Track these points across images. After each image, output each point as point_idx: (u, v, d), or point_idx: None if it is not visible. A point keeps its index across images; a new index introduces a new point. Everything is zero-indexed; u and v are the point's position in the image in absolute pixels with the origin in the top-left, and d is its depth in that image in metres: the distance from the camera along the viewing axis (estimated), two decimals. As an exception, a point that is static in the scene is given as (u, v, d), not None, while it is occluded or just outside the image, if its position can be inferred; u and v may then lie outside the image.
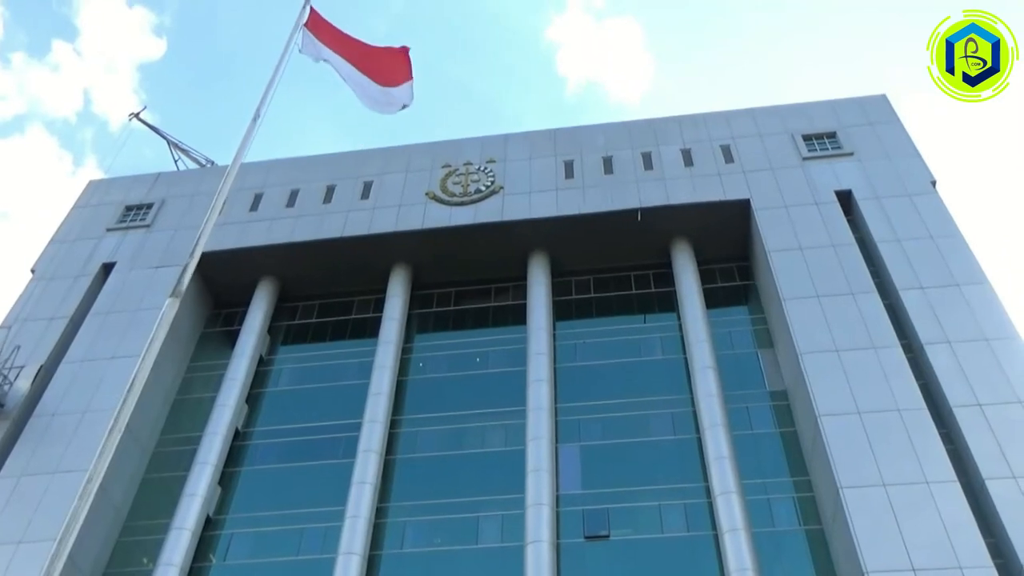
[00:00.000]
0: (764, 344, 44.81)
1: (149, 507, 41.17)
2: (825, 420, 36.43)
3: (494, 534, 38.12)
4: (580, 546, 37.40)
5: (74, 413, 41.51)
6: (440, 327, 49.49)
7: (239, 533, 40.02)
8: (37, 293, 49.37)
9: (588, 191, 49.78)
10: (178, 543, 38.37)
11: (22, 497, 37.91)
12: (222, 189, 19.17)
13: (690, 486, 38.75)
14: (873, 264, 44.25)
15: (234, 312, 50.87)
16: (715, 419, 39.98)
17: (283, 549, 38.78)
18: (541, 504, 37.82)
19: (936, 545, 31.46)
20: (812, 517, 36.82)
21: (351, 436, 42.35)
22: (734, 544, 35.20)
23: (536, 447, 40.08)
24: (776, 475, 38.77)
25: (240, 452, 43.75)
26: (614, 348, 45.74)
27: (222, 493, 41.69)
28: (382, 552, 38.27)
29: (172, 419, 45.29)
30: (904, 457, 34.50)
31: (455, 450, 41.99)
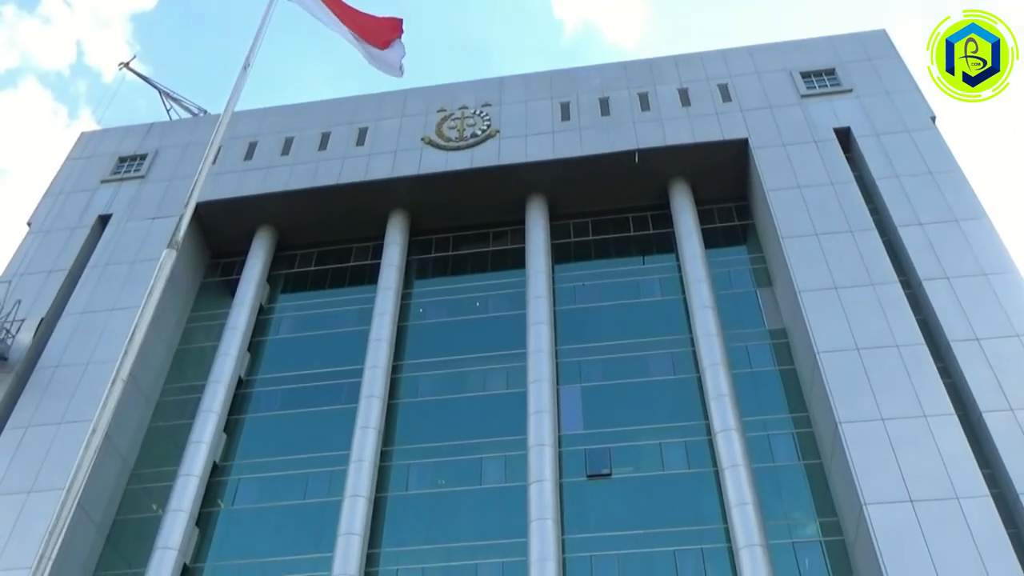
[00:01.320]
0: (763, 283, 44.92)
1: (155, 455, 41.68)
2: (824, 357, 36.68)
3: (497, 474, 38.66)
4: (582, 485, 37.94)
5: (77, 365, 41.77)
6: (439, 272, 49.54)
7: (246, 479, 40.58)
8: (34, 246, 49.32)
9: (585, 133, 49.40)
10: (186, 489, 38.92)
11: (29, 448, 38.35)
12: (215, 138, 19.06)
13: (690, 424, 39.18)
14: (872, 201, 44.14)
15: (232, 262, 50.86)
16: (714, 358, 40.25)
17: (290, 493, 39.37)
18: (543, 444, 38.28)
19: (933, 476, 31.94)
20: (811, 452, 37.30)
21: (353, 382, 42.68)
22: (734, 480, 35.72)
23: (537, 389, 40.43)
24: (775, 412, 39.19)
25: (244, 400, 44.14)
26: (613, 290, 45.85)
27: (227, 440, 42.17)
28: (387, 494, 38.85)
29: (175, 369, 45.59)
30: (902, 392, 34.83)
31: (457, 393, 42.36)
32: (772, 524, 34.99)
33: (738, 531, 34.35)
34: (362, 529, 36.73)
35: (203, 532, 38.71)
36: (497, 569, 35.53)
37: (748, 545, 33.80)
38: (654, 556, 35.08)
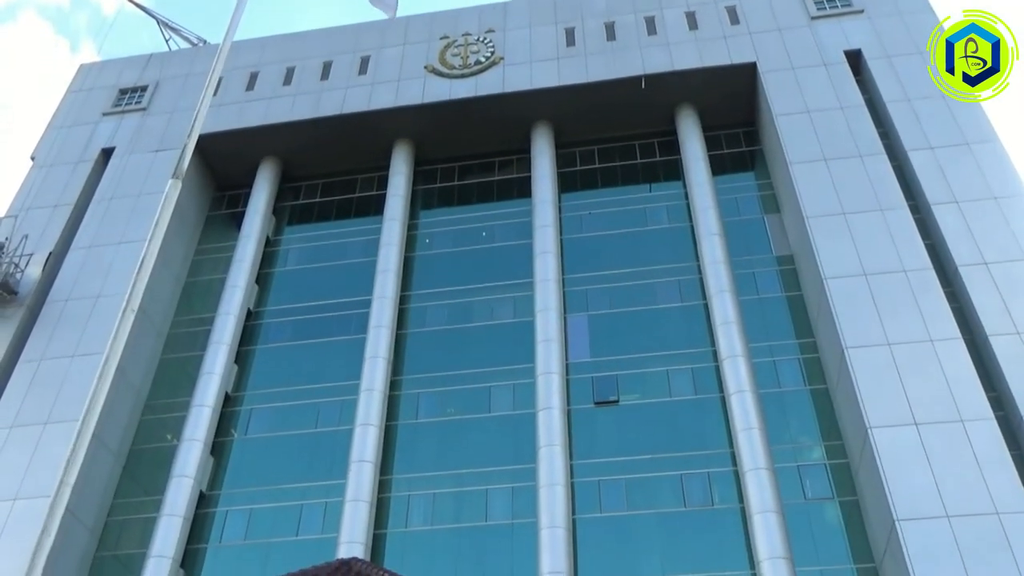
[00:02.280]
0: (770, 209, 44.67)
1: (168, 386, 42.22)
2: (831, 283, 36.68)
3: (506, 403, 39.10)
4: (590, 411, 38.39)
5: (86, 298, 42.05)
6: (444, 202, 49.33)
7: (258, 409, 41.14)
8: (39, 180, 49.18)
9: (590, 59, 48.61)
10: (199, 419, 39.52)
11: (44, 380, 38.86)
12: (216, 68, 18.82)
13: (697, 351, 39.41)
14: (882, 125, 43.58)
15: (238, 194, 50.72)
16: (721, 285, 40.28)
17: (301, 422, 39.95)
18: (551, 373, 38.61)
19: (938, 400, 32.22)
20: (817, 377, 37.58)
21: (361, 312, 42.92)
22: (741, 405, 36.09)
23: (544, 318, 40.61)
24: (782, 338, 39.36)
25: (253, 331, 44.47)
26: (620, 218, 45.66)
27: (238, 371, 42.64)
28: (397, 422, 39.40)
29: (184, 301, 45.87)
30: (909, 317, 34.91)
31: (464, 323, 42.60)
32: (778, 448, 35.45)
33: (744, 455, 34.84)
34: (374, 456, 37.36)
35: (218, 461, 39.45)
36: (507, 494, 36.20)
37: (754, 469, 34.30)
38: (661, 480, 35.66)
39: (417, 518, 36.34)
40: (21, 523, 33.40)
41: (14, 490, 35.01)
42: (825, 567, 32.44)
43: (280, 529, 36.42)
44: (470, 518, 35.76)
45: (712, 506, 34.89)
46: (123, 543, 37.20)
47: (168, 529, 36.15)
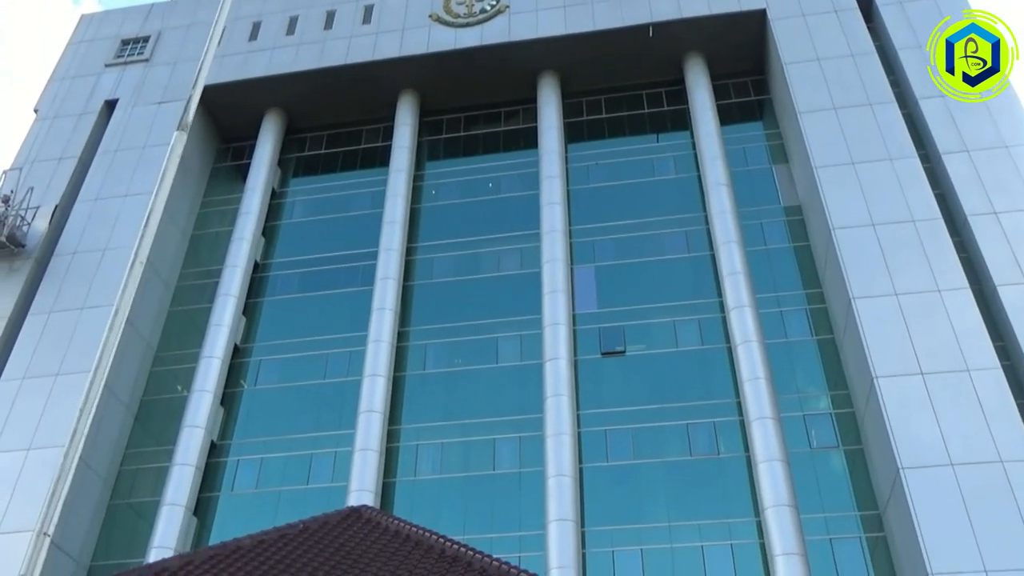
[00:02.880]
0: (779, 159, 44.33)
1: (177, 338, 42.50)
2: (839, 233, 36.54)
3: (513, 353, 39.29)
4: (597, 362, 38.57)
5: (94, 251, 42.13)
6: (451, 154, 49.05)
7: (266, 360, 41.44)
8: (43, 133, 48.99)
9: (597, 7, 47.87)
10: (209, 371, 39.85)
11: (54, 332, 39.13)
12: (219, 18, 18.61)
13: (704, 302, 39.44)
14: (893, 73, 43.03)
15: (242, 146, 50.48)
16: (729, 235, 40.15)
17: (310, 373, 40.25)
18: (558, 324, 38.72)
19: (945, 350, 32.27)
20: (824, 328, 37.63)
21: (368, 264, 42.97)
22: (747, 355, 36.20)
23: (551, 269, 40.61)
24: (789, 288, 39.35)
25: (261, 283, 44.60)
26: (627, 168, 45.37)
27: (247, 323, 42.87)
28: (405, 373, 39.67)
29: (191, 254, 45.94)
30: (917, 267, 34.81)
31: (471, 275, 42.62)
32: (784, 398, 35.65)
33: (750, 405, 35.05)
34: (382, 407, 37.70)
35: (228, 411, 39.87)
36: (514, 444, 36.55)
37: (760, 418, 34.54)
38: (667, 430, 35.95)
39: (425, 467, 36.78)
40: (36, 472, 33.89)
41: (28, 440, 35.48)
42: (829, 514, 32.80)
43: (290, 478, 36.92)
44: (478, 467, 36.17)
45: (718, 455, 35.20)
46: (136, 491, 37.78)
47: (180, 478, 36.68)
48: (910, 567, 29.41)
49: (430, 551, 17.25)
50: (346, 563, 16.79)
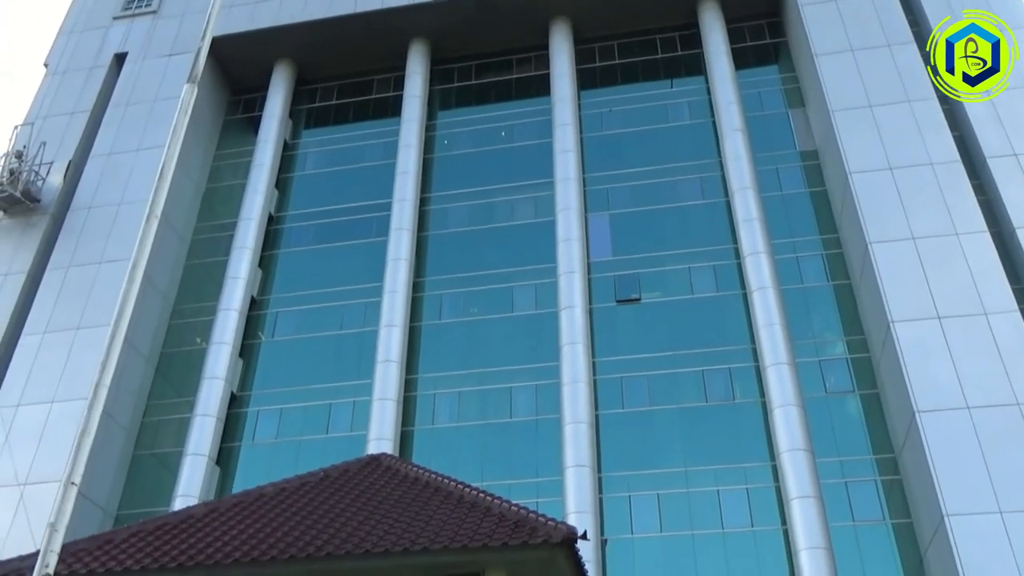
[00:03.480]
0: (795, 103, 43.74)
1: (195, 292, 42.81)
2: (856, 177, 36.20)
3: (528, 302, 39.38)
4: (612, 310, 38.63)
5: (109, 206, 42.29)
6: (462, 102, 48.63)
7: (283, 312, 41.72)
8: (54, 88, 48.86)
9: (610, -52, 46.92)
10: (227, 323, 40.21)
11: (72, 287, 39.48)
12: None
13: (719, 248, 39.30)
14: (911, 12, 42.17)
15: (253, 98, 50.22)
16: (744, 181, 39.85)
17: (327, 324, 40.53)
18: (572, 272, 38.73)
19: (962, 293, 32.13)
20: (840, 273, 37.48)
21: (382, 215, 42.97)
22: (763, 301, 36.17)
23: (566, 217, 40.49)
24: (805, 234, 39.12)
25: (275, 236, 44.71)
26: (640, 115, 44.91)
27: (263, 275, 43.10)
28: (421, 323, 39.88)
29: (205, 207, 46.04)
30: (935, 210, 34.51)
31: (485, 224, 42.55)
32: (799, 343, 35.68)
33: (765, 351, 35.11)
34: (399, 357, 37.99)
35: (247, 363, 40.29)
36: (530, 392, 36.82)
37: (775, 364, 34.62)
38: (682, 376, 36.09)
39: (443, 415, 37.16)
40: (60, 425, 34.49)
41: (51, 393, 36.04)
42: (844, 458, 33.01)
43: (310, 427, 37.41)
44: (495, 415, 36.51)
45: (733, 401, 35.36)
46: (159, 442, 38.42)
47: (202, 429, 37.25)
48: (925, 509, 29.65)
49: (449, 497, 17.49)
50: (367, 509, 17.07)
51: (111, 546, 16.51)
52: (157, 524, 17.65)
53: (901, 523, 31.32)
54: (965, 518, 27.71)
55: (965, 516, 27.73)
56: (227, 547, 15.72)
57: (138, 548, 16.23)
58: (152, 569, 15.35)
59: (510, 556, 14.93)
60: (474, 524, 15.49)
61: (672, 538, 32.33)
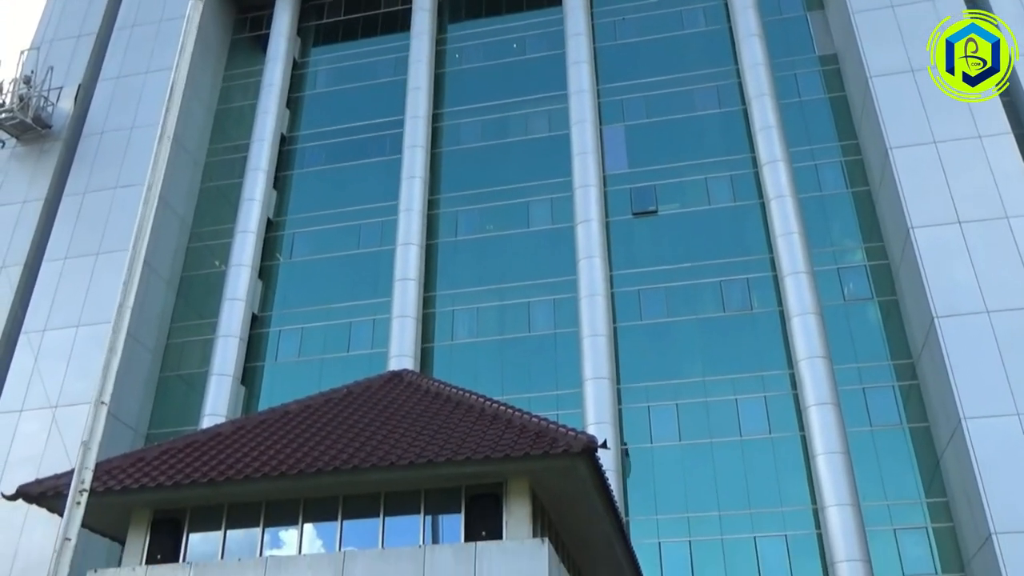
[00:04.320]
0: (813, 6, 42.51)
1: (211, 214, 42.90)
2: (877, 81, 35.41)
3: (544, 217, 39.24)
4: (629, 223, 38.45)
5: (121, 130, 42.07)
6: (473, 15, 47.51)
7: (300, 232, 41.80)
8: (58, 10, 48.09)
9: None
10: (244, 245, 40.39)
11: (90, 213, 39.62)
12: None
13: (736, 158, 38.81)
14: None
15: (260, 15, 49.28)
16: (761, 88, 39.08)
17: (343, 244, 40.62)
18: (588, 185, 38.46)
19: (984, 197, 31.72)
20: (859, 179, 37.02)
21: (395, 133, 42.59)
22: (781, 210, 35.88)
23: (580, 130, 40.00)
24: (824, 141, 38.51)
25: (289, 156, 44.49)
26: (654, 23, 43.80)
27: (278, 197, 43.06)
28: (437, 241, 39.91)
29: (217, 129, 45.72)
30: (957, 113, 33.79)
31: (499, 139, 42.08)
32: (818, 252, 35.52)
33: (783, 260, 35.00)
34: (416, 274, 38.17)
35: (266, 284, 40.63)
36: (548, 306, 36.99)
37: (793, 273, 34.55)
38: (700, 287, 36.11)
39: (462, 331, 37.48)
40: (86, 348, 35.07)
41: (76, 318, 36.55)
42: (863, 364, 33.17)
43: (332, 346, 37.87)
44: (513, 330, 36.78)
45: (751, 311, 35.42)
46: (185, 364, 39.07)
47: (225, 349, 37.82)
48: (943, 413, 29.89)
49: (471, 410, 17.80)
50: (390, 423, 17.40)
51: (143, 463, 16.98)
52: (187, 442, 18.11)
53: (918, 427, 31.64)
54: (982, 421, 27.95)
55: (982, 419, 27.96)
56: (256, 462, 16.13)
57: (170, 464, 16.69)
58: (184, 484, 15.82)
59: (532, 466, 15.26)
60: (496, 435, 15.79)
61: (691, 446, 32.86)
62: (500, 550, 14.70)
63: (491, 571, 14.46)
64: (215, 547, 16.41)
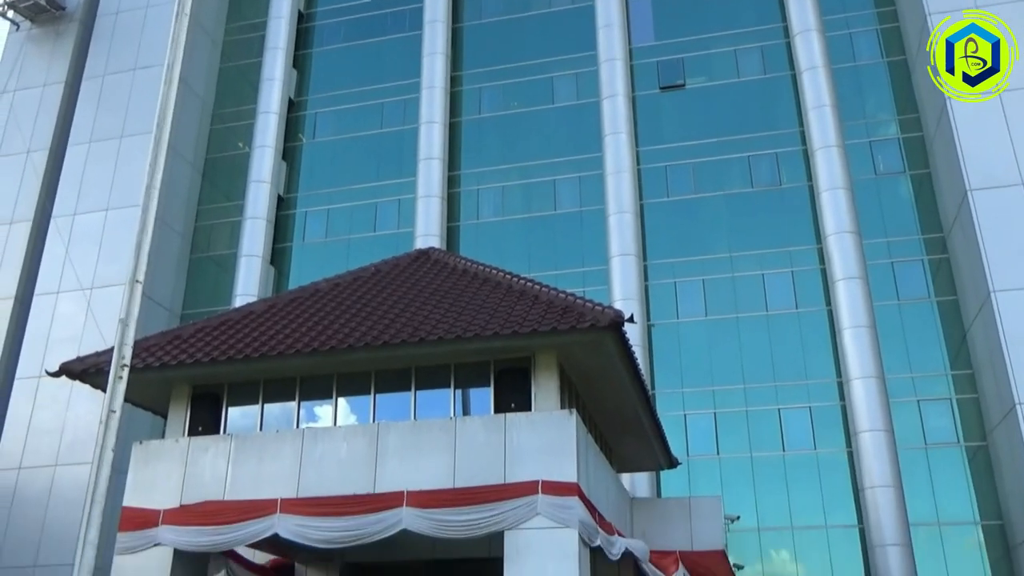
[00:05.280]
0: None
1: (232, 96, 42.41)
2: (918, -59, 33.67)
3: (569, 92, 38.44)
4: (655, 97, 37.62)
5: (136, 9, 41.25)
6: None
7: (322, 112, 41.35)
8: None
9: None
10: (267, 126, 40.08)
11: (111, 96, 39.31)
12: None
13: (767, 28, 37.50)
14: None
15: None
16: (796, -48, 37.36)
17: (366, 124, 40.19)
18: (614, 59, 37.49)
19: (1025, 64, 30.54)
20: (896, 49, 35.78)
21: (415, 7, 41.46)
22: (812, 82, 34.91)
23: (605, 2, 38.72)
24: (859, 8, 37.01)
25: (307, 34, 43.56)
26: None
27: (298, 76, 42.39)
28: (461, 119, 39.35)
29: (233, 8, 44.63)
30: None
31: (522, 12, 40.81)
32: (850, 125, 34.71)
33: (814, 134, 34.30)
34: (441, 153, 37.84)
35: (290, 165, 40.52)
36: (574, 183, 36.70)
37: (824, 147, 33.90)
38: (728, 163, 35.57)
39: (487, 210, 37.40)
40: (116, 231, 35.44)
41: (104, 201, 36.81)
42: (892, 239, 32.87)
43: (358, 226, 38.01)
44: (539, 208, 36.64)
45: (780, 186, 34.95)
46: (214, 245, 39.49)
47: (253, 231, 38.11)
48: (972, 286, 29.75)
49: (498, 287, 17.91)
50: (419, 300, 17.58)
51: (180, 340, 17.38)
52: (221, 320, 18.46)
53: (946, 300, 31.58)
54: (1011, 294, 27.80)
55: (1011, 292, 27.81)
56: (289, 339, 16.45)
57: (205, 342, 17.07)
58: (220, 361, 16.20)
59: (559, 340, 15.44)
60: (523, 311, 15.93)
61: (717, 321, 33.07)
62: (528, 421, 15.04)
63: (520, 441, 14.83)
64: (253, 421, 16.95)
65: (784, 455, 30.80)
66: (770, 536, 30.32)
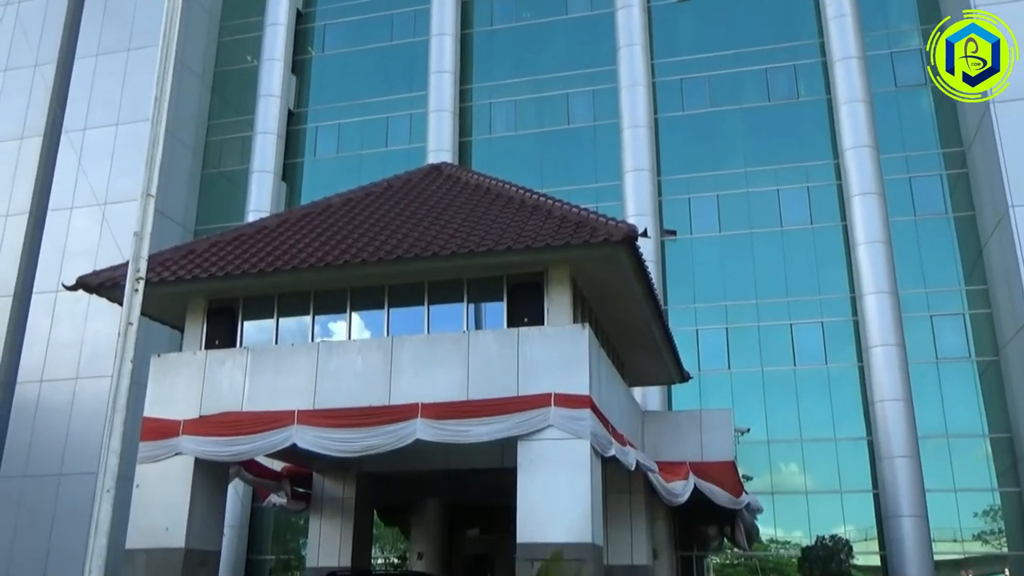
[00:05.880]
0: None
1: (239, 7, 41.54)
2: None
3: (582, 3, 37.28)
4: (671, 8, 36.69)
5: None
6: None
7: (332, 24, 40.56)
8: None
9: None
10: (275, 39, 39.39)
11: (116, 7, 38.52)
12: None
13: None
14: None
15: None
16: None
17: (376, 36, 39.41)
18: (630, -33, 36.47)
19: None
20: None
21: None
22: (834, -10, 33.83)
23: (622, -95, 37.43)
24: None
25: (315, -58, 42.45)
26: None
27: (307, -14, 41.54)
28: (473, 31, 38.50)
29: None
30: None
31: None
32: (870, 36, 33.84)
33: (834, 45, 33.49)
34: (452, 67, 37.23)
35: (300, 78, 39.95)
36: (587, 97, 36.12)
37: (843, 58, 33.15)
38: (744, 76, 34.88)
39: (500, 125, 36.96)
40: (127, 146, 35.20)
41: (114, 116, 36.51)
42: (910, 153, 32.40)
43: (369, 141, 37.68)
44: (552, 122, 36.16)
45: (797, 99, 34.33)
46: (225, 161, 39.30)
47: (264, 146, 37.86)
48: (990, 201, 29.42)
49: (511, 202, 17.82)
50: (431, 215, 17.54)
51: (194, 255, 17.46)
52: (235, 235, 18.50)
53: (963, 216, 31.27)
54: (1030, 209, 27.51)
55: (1031, 206, 27.52)
56: (302, 253, 16.49)
57: (219, 256, 17.14)
58: (235, 275, 16.30)
59: (572, 255, 15.41)
60: (536, 225, 15.87)
61: (731, 237, 32.91)
62: (541, 334, 15.14)
63: (533, 354, 14.97)
64: (269, 335, 17.13)
65: (795, 369, 31.01)
66: (779, 448, 30.76)
